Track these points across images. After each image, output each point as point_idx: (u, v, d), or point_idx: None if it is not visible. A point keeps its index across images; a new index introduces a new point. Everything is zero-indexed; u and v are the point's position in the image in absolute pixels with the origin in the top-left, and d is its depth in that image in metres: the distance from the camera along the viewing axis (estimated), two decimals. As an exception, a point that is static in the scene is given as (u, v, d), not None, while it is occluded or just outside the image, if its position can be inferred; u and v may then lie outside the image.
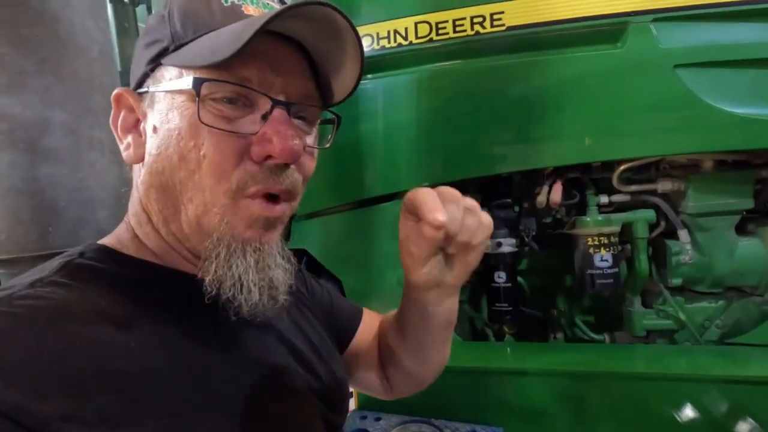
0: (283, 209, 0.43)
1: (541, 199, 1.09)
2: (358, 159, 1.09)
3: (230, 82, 0.39)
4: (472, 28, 1.00)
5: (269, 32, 0.39)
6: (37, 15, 0.64)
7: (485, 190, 1.15)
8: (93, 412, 0.30)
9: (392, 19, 1.04)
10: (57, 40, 0.67)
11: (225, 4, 0.41)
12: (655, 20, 0.92)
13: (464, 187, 1.12)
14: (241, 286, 0.40)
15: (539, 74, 0.99)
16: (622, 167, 1.03)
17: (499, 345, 1.18)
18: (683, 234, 1.02)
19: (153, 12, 0.52)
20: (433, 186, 0.48)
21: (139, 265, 0.42)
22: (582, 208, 1.10)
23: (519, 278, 1.22)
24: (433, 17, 1.01)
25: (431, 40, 1.02)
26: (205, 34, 0.40)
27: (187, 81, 0.39)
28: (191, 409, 0.36)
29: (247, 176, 0.40)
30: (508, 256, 1.13)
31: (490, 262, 1.14)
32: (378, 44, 1.05)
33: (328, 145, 0.48)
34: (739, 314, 1.06)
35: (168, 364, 0.37)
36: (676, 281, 1.06)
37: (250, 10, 0.42)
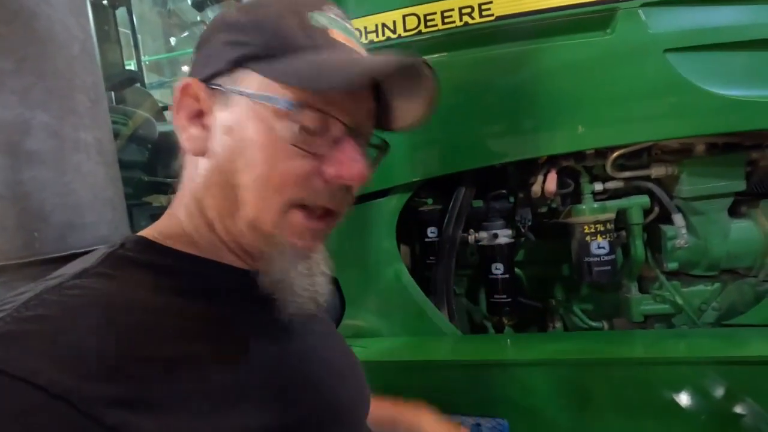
0: (329, 223, 0.45)
1: (536, 188, 1.08)
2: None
3: (322, 111, 0.40)
4: (460, 19, 0.99)
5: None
6: (13, 12, 0.62)
7: (480, 181, 1.14)
8: (136, 396, 0.32)
9: (380, 12, 1.03)
10: (36, 38, 0.64)
11: (315, 26, 0.42)
12: (644, 5, 0.92)
13: (460, 179, 1.11)
14: (291, 288, 0.44)
15: (530, 63, 0.99)
16: (615, 154, 1.03)
17: (498, 337, 1.18)
18: (678, 218, 1.02)
19: (226, 9, 0.52)
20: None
21: (178, 256, 0.43)
22: (577, 197, 1.10)
23: (516, 269, 1.22)
24: (421, 9, 1.01)
25: (420, 32, 1.01)
26: (294, 53, 0.40)
27: (282, 101, 0.39)
28: (229, 396, 0.38)
29: (306, 193, 0.41)
30: (505, 248, 1.13)
31: (487, 253, 1.14)
32: (366, 38, 1.04)
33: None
34: (734, 296, 1.07)
35: (206, 351, 0.38)
36: (672, 266, 1.07)
37: (335, 34, 0.43)
